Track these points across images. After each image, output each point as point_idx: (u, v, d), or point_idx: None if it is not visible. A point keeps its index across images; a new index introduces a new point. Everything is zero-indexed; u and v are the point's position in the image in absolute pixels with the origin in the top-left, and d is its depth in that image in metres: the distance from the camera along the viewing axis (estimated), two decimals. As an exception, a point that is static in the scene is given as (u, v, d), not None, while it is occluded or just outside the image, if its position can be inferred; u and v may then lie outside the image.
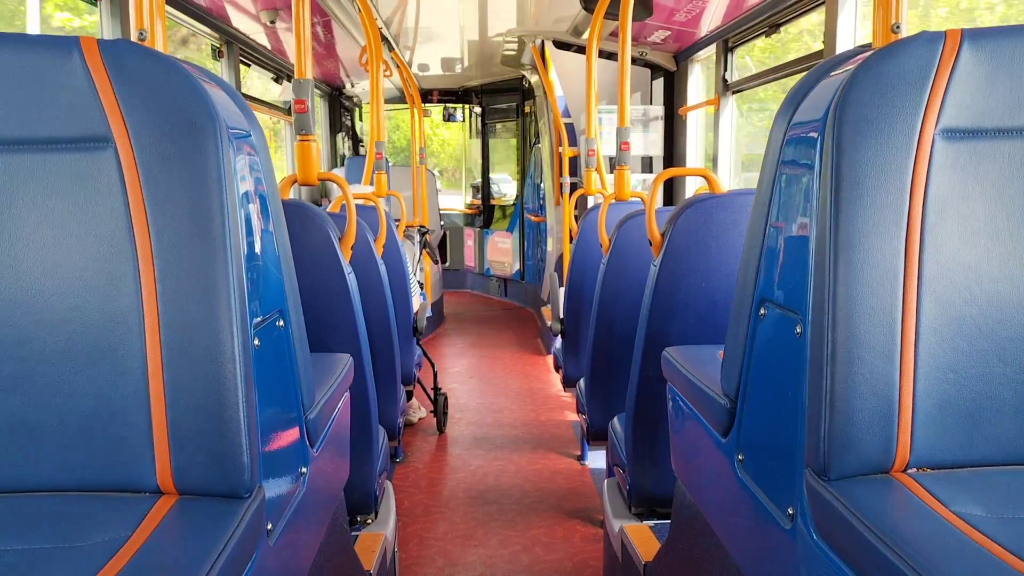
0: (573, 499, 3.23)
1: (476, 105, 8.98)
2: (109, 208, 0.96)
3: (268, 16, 4.32)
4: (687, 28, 4.52)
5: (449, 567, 2.67)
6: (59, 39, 0.98)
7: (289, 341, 1.20)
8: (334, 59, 6.34)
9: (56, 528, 0.89)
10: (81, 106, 0.96)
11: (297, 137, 2.15)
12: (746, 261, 1.22)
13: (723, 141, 4.53)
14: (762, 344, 1.17)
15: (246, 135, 1.09)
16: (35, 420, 0.97)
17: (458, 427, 4.24)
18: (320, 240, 1.96)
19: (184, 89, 0.97)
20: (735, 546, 1.26)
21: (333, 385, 1.45)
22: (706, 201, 1.92)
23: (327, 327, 1.99)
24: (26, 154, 0.96)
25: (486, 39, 6.31)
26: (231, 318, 0.96)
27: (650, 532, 2.02)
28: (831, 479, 0.94)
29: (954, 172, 0.96)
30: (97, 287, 0.96)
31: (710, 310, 1.91)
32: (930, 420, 0.96)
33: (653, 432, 2.03)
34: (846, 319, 0.94)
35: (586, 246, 3.09)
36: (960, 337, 0.96)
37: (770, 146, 1.15)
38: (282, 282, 1.19)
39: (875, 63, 0.97)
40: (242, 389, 0.97)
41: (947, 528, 0.82)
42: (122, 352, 0.96)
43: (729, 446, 1.26)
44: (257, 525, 0.98)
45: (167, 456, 0.96)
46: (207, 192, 0.96)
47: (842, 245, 0.95)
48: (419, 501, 3.25)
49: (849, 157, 0.95)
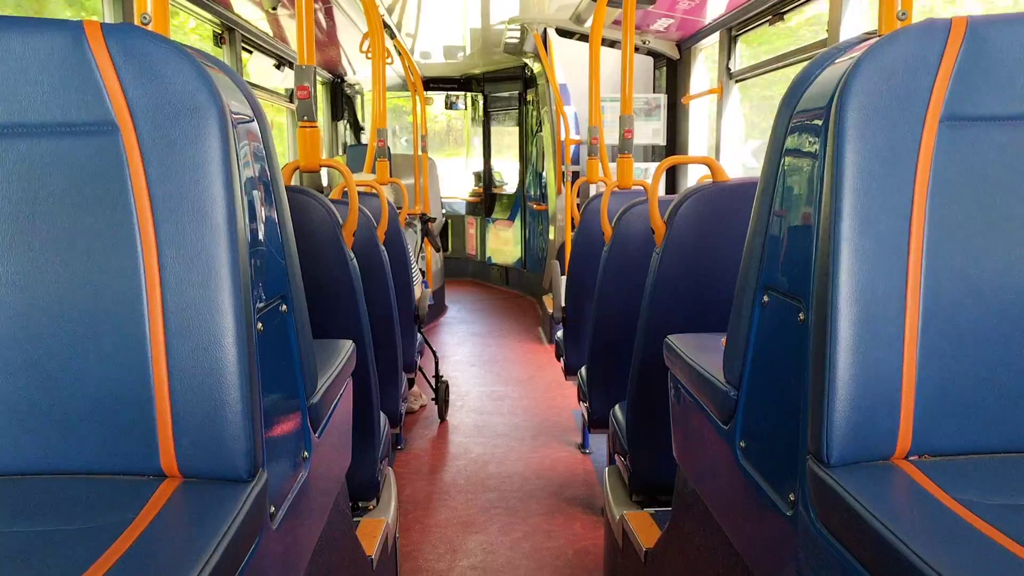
0: (574, 486, 3.24)
1: (478, 93, 8.96)
2: (112, 192, 0.96)
3: (270, 2, 4.31)
4: (691, 16, 4.50)
5: (450, 553, 2.68)
6: (63, 23, 0.97)
7: (292, 327, 1.20)
8: (335, 46, 6.32)
9: (60, 511, 0.89)
10: (85, 90, 0.96)
11: (299, 123, 2.15)
12: (749, 248, 1.22)
13: (727, 129, 4.53)
14: (765, 331, 1.17)
15: (249, 120, 1.09)
16: (39, 404, 0.97)
17: (459, 415, 4.25)
18: (322, 227, 1.96)
19: (188, 74, 0.96)
20: (736, 533, 1.27)
21: (335, 371, 1.46)
22: (709, 189, 1.92)
23: (329, 314, 1.99)
24: (29, 139, 0.96)
25: (488, 27, 6.29)
26: (234, 303, 0.96)
27: (651, 519, 2.02)
28: (832, 466, 0.95)
29: (959, 159, 0.96)
30: (100, 271, 0.97)
31: (712, 298, 1.91)
32: (932, 407, 0.96)
33: (654, 420, 2.04)
34: (849, 306, 0.94)
35: (588, 234, 3.08)
36: (963, 324, 0.96)
37: (774, 134, 1.15)
38: (285, 268, 1.19)
39: (880, 50, 0.96)
40: (245, 374, 0.97)
41: (948, 514, 0.83)
42: (125, 336, 0.97)
43: (730, 433, 1.26)
44: (260, 509, 0.98)
45: (170, 440, 0.97)
46: (210, 177, 0.96)
47: (845, 232, 0.94)
48: (420, 488, 3.26)
49: (853, 144, 0.95)
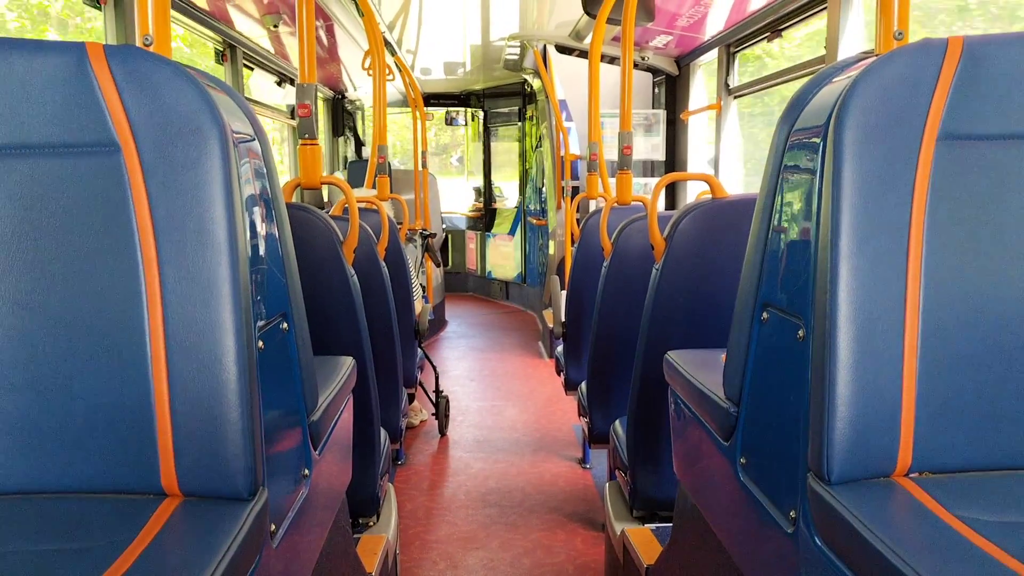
0: (575, 502, 3.23)
1: (478, 109, 9.00)
2: (114, 212, 0.97)
3: (271, 20, 4.34)
4: (689, 33, 4.53)
5: (451, 570, 2.67)
6: (65, 45, 0.98)
7: (293, 344, 1.20)
8: (336, 63, 6.36)
9: (60, 530, 0.89)
10: (87, 111, 0.97)
11: (300, 141, 2.16)
12: (748, 265, 1.22)
13: (725, 146, 4.55)
14: (764, 348, 1.17)
15: (250, 139, 1.10)
16: (40, 422, 0.97)
17: (459, 430, 4.24)
18: (323, 243, 1.97)
19: (190, 95, 0.97)
20: (737, 549, 1.26)
21: (336, 388, 1.46)
22: (708, 205, 1.92)
23: (330, 330, 2.00)
24: (31, 159, 0.97)
25: (488, 43, 6.33)
26: (235, 321, 0.97)
27: (652, 535, 2.02)
28: (833, 483, 0.95)
29: (956, 178, 0.97)
30: (101, 290, 0.97)
31: (712, 314, 1.91)
32: (933, 424, 0.96)
33: (655, 435, 2.04)
34: (848, 323, 0.94)
35: (588, 250, 3.08)
36: (963, 342, 0.97)
37: (772, 151, 1.15)
38: (286, 285, 1.19)
39: (877, 70, 0.97)
40: (245, 392, 0.97)
41: (949, 532, 0.83)
42: (126, 355, 0.97)
43: (731, 449, 1.26)
44: (260, 527, 0.98)
45: (171, 458, 0.97)
46: (212, 196, 0.97)
47: (844, 250, 0.95)
48: (421, 504, 3.25)
49: (851, 162, 0.96)
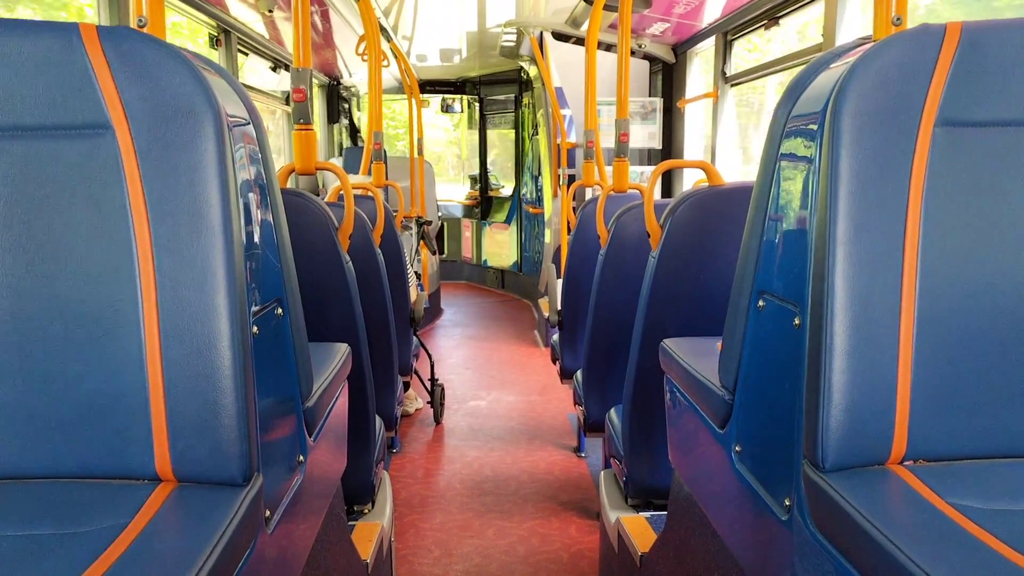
0: (569, 490, 3.24)
1: (474, 96, 8.96)
2: (107, 195, 0.96)
3: (265, 4, 4.31)
4: (686, 20, 4.52)
5: (445, 557, 2.68)
6: (58, 25, 0.97)
7: (287, 330, 1.20)
8: (332, 49, 6.32)
9: (55, 515, 0.89)
10: (80, 93, 0.96)
11: (295, 126, 2.14)
12: (745, 253, 1.22)
13: (722, 133, 4.54)
14: (760, 336, 1.17)
15: (245, 123, 1.09)
16: (34, 407, 0.97)
17: (455, 418, 4.25)
18: (318, 230, 1.96)
19: (184, 77, 0.96)
20: (731, 537, 1.27)
21: (331, 374, 1.45)
22: (705, 193, 1.92)
23: (325, 317, 1.99)
24: (25, 141, 0.96)
25: (485, 30, 6.30)
26: (229, 306, 0.96)
27: (646, 523, 2.02)
28: (828, 470, 0.95)
29: (953, 164, 0.97)
30: (95, 274, 0.96)
31: (708, 302, 1.91)
32: (927, 412, 0.96)
33: (650, 424, 2.04)
34: (844, 311, 0.94)
35: (584, 238, 3.08)
36: (958, 329, 0.97)
37: (769, 138, 1.15)
38: (281, 271, 1.19)
39: (875, 56, 0.97)
40: (240, 377, 0.96)
41: (943, 519, 0.83)
42: (120, 339, 0.96)
43: (726, 437, 1.26)
44: (255, 513, 0.98)
45: (165, 443, 0.96)
46: (206, 180, 0.96)
47: (841, 237, 0.95)
48: (416, 491, 3.25)
49: (848, 149, 0.95)
